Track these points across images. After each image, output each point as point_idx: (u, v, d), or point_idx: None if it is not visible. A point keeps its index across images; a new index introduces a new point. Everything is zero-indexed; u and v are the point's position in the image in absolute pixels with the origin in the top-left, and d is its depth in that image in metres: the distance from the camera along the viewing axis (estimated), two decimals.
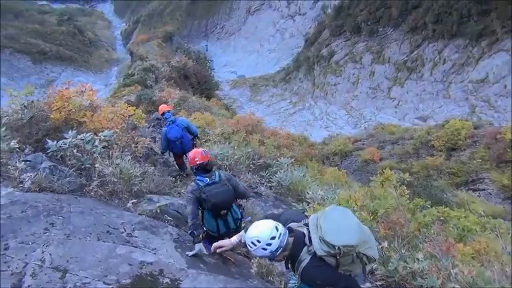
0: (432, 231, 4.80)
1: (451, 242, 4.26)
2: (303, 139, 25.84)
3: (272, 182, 8.02)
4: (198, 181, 4.31)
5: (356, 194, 5.68)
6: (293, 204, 7.04)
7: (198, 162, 4.45)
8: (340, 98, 41.22)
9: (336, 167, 16.86)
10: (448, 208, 5.95)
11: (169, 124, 7.44)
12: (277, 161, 8.92)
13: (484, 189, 16.91)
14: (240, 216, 4.42)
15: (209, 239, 4.29)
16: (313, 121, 39.53)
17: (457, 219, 5.42)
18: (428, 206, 5.78)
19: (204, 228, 4.34)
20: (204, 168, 4.45)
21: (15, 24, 64.90)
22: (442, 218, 5.53)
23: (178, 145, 7.29)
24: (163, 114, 7.79)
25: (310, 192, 7.10)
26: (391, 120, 33.61)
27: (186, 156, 7.07)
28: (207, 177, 4.33)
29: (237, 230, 4.21)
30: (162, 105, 8.31)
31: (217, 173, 4.46)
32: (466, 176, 17.90)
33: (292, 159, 9.15)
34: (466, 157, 18.64)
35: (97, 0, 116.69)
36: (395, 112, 35.74)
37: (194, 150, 4.75)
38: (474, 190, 16.99)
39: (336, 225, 2.59)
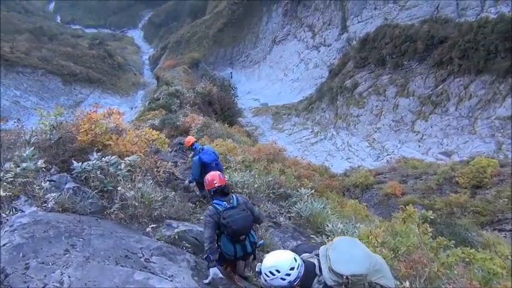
0: (456, 273, 4.65)
1: (475, 285, 4.11)
2: (324, 169, 25.69)
3: (291, 213, 7.94)
4: (216, 205, 4.32)
5: (377, 230, 5.57)
6: (312, 236, 6.93)
7: (216, 185, 4.48)
8: (363, 130, 40.96)
9: (357, 200, 16.59)
10: (472, 249, 5.75)
11: (200, 152, 7.53)
12: (298, 191, 8.84)
13: (510, 230, 16.32)
14: (256, 241, 4.42)
15: (221, 260, 4.36)
16: (334, 152, 39.27)
17: (482, 261, 5.22)
18: (452, 246, 5.60)
19: (219, 250, 4.35)
20: (222, 191, 4.48)
21: (49, 47, 67.40)
22: (466, 260, 5.35)
23: (214, 167, 7.19)
24: (192, 145, 7.88)
25: (329, 225, 7.00)
26: (414, 154, 33.13)
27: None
28: (225, 201, 4.34)
29: (253, 253, 4.35)
30: (188, 137, 8.43)
31: (234, 196, 4.48)
32: (492, 216, 17.31)
33: (313, 190, 9.05)
34: (492, 196, 18.08)
35: (128, 26, 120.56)
36: (419, 146, 35.22)
37: (212, 172, 4.75)
38: (500, 230, 16.40)
39: (343, 255, 2.63)
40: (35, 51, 61.55)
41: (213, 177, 4.56)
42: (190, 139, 8.21)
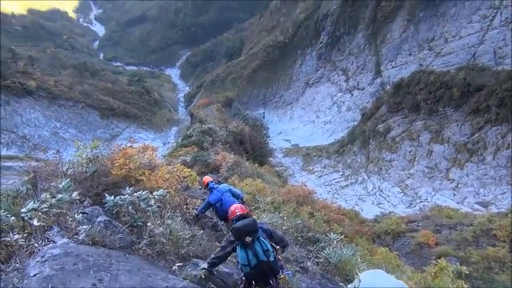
0: None
1: None
2: (354, 214, 25.15)
3: (320, 258, 7.72)
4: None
5: (409, 282, 5.36)
6: (340, 284, 6.72)
7: (238, 214, 4.79)
8: (395, 175, 40.09)
9: (387, 248, 16.06)
10: None
11: (212, 191, 7.77)
12: (327, 236, 8.65)
13: None
14: (269, 249, 4.48)
15: None
16: (365, 196, 38.43)
17: None
18: None
19: (244, 278, 4.54)
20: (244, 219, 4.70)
21: (91, 82, 70.59)
22: None
23: (219, 206, 7.52)
24: (207, 185, 8.04)
25: (359, 274, 6.76)
26: (449, 203, 31.95)
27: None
28: None
29: (269, 263, 4.40)
30: (205, 177, 8.64)
31: None
32: None
33: (342, 236, 8.84)
34: None
35: (166, 65, 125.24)
36: (454, 195, 34.03)
37: (234, 204, 5.18)
38: None
39: (377, 285, 2.60)
40: (77, 85, 64.51)
41: (235, 208, 4.97)
42: (205, 179, 8.39)
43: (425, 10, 49.27)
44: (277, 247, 4.85)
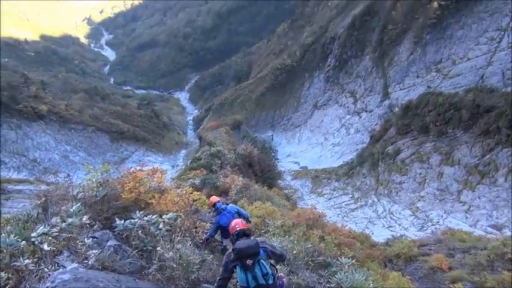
0: None
1: None
2: (365, 237, 24.76)
3: (331, 283, 7.56)
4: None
5: None
6: None
7: (238, 229, 4.84)
8: (405, 198, 39.59)
9: (400, 272, 15.72)
10: None
11: (221, 212, 7.71)
12: (338, 260, 8.50)
13: None
14: (268, 272, 4.44)
15: None
16: (375, 219, 37.91)
17: None
18: None
19: None
20: (244, 234, 4.77)
21: (101, 106, 71.50)
22: None
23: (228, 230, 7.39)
24: (214, 205, 8.00)
25: None
26: (461, 225, 31.39)
27: None
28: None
29: (268, 287, 4.36)
30: (212, 197, 8.59)
31: (253, 238, 4.80)
32: None
33: (353, 260, 8.67)
34: None
35: (175, 88, 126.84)
36: (466, 217, 33.46)
37: (235, 220, 5.13)
38: None
39: None
40: (88, 109, 65.34)
41: (235, 223, 4.97)
42: (213, 199, 8.34)
43: (432, 33, 49.62)
44: (271, 260, 4.85)
